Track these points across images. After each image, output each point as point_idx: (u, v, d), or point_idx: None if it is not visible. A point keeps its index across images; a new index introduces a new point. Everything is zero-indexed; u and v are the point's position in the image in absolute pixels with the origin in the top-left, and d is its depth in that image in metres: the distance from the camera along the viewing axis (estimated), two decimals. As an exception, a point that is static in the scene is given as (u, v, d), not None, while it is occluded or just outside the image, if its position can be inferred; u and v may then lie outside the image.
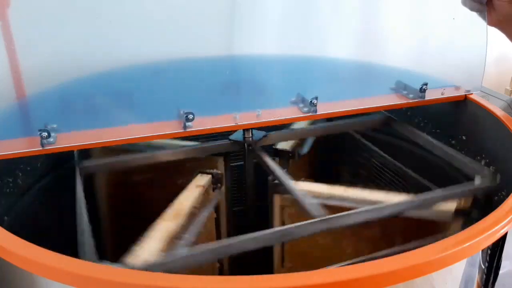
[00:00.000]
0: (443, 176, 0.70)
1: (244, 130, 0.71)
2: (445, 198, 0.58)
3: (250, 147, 0.72)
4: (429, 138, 0.71)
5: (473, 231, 0.42)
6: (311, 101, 0.64)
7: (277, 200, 0.66)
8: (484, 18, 0.66)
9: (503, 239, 0.49)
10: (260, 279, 0.36)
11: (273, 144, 0.78)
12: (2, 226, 0.43)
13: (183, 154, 0.70)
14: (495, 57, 1.85)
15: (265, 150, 0.71)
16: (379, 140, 0.85)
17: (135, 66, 0.65)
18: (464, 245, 0.40)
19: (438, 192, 0.59)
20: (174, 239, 0.53)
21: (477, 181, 0.60)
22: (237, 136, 0.73)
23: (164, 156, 0.69)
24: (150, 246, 0.49)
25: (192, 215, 0.60)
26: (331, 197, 0.61)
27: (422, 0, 0.73)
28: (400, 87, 0.72)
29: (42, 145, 0.55)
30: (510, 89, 1.85)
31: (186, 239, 0.54)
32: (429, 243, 0.40)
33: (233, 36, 0.68)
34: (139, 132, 0.58)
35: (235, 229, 0.79)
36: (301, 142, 0.84)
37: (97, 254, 0.46)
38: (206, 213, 0.65)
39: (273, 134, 0.75)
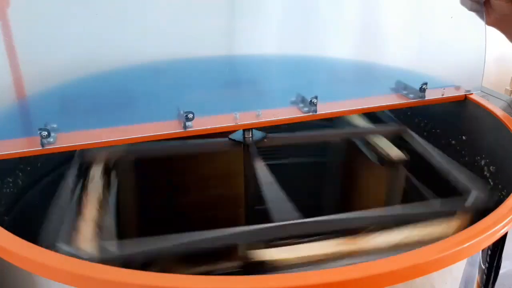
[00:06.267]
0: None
1: (244, 130, 0.72)
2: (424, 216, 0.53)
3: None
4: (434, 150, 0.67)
5: (473, 231, 0.42)
6: (311, 101, 0.64)
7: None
8: (482, 17, 0.66)
9: (503, 239, 0.49)
10: (259, 279, 0.36)
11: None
12: (2, 226, 0.43)
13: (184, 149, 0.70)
14: (495, 57, 1.85)
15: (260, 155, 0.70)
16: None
17: (135, 66, 0.66)
18: (464, 245, 0.40)
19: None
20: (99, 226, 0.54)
21: (471, 198, 0.54)
22: (237, 136, 0.73)
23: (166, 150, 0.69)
24: (85, 235, 0.51)
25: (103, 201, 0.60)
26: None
27: (421, 0, 0.73)
28: (400, 87, 0.72)
29: (42, 145, 0.55)
30: (510, 89, 1.85)
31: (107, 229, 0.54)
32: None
33: (233, 36, 0.68)
34: (139, 132, 0.58)
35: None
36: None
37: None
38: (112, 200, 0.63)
39: (272, 135, 0.74)
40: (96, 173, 0.62)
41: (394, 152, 0.71)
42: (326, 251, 0.48)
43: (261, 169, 0.63)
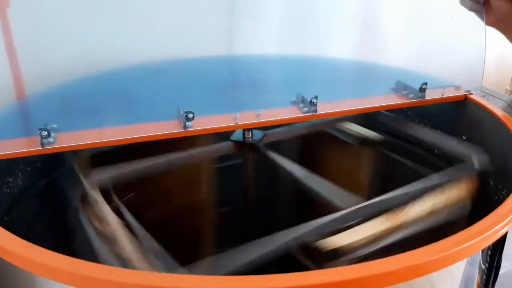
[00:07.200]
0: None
1: (244, 130, 0.72)
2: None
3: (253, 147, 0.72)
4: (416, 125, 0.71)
5: (473, 231, 0.42)
6: (311, 101, 0.64)
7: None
8: (482, 17, 0.66)
9: (503, 239, 0.49)
10: (259, 279, 0.36)
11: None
12: (2, 226, 0.43)
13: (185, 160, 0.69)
14: (495, 57, 1.85)
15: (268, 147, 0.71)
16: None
17: (135, 66, 0.66)
18: (464, 245, 0.40)
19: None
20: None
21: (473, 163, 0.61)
22: (237, 136, 0.73)
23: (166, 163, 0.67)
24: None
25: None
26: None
27: (421, 0, 0.73)
28: (400, 87, 0.72)
29: (42, 145, 0.55)
30: (510, 89, 1.85)
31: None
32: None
33: (233, 36, 0.68)
34: (139, 132, 0.58)
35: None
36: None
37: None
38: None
39: (271, 132, 0.75)
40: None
41: (371, 134, 0.74)
42: (378, 229, 0.52)
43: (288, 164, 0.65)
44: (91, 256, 0.46)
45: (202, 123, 0.60)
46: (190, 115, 0.59)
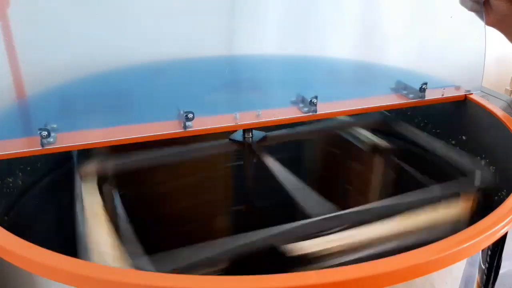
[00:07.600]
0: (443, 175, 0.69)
1: (244, 130, 0.72)
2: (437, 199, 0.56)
3: (251, 148, 0.72)
4: (428, 136, 0.71)
5: (473, 231, 0.42)
6: (311, 101, 0.64)
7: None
8: (482, 17, 0.66)
9: (503, 239, 0.49)
10: (259, 279, 0.36)
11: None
12: (2, 226, 0.43)
13: (183, 155, 0.70)
14: (495, 57, 1.85)
15: (266, 151, 0.71)
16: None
17: (135, 66, 0.66)
18: (464, 245, 0.40)
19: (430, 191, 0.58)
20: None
21: (477, 179, 0.59)
22: (237, 136, 0.73)
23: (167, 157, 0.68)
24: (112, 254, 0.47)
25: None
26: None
27: (422, 0, 0.73)
28: (400, 87, 0.72)
29: (42, 145, 0.55)
30: (510, 89, 1.85)
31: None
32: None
33: (233, 36, 0.68)
34: (139, 132, 0.58)
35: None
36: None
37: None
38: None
39: (272, 134, 0.74)
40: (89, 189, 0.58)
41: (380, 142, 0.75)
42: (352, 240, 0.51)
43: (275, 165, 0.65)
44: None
45: (202, 123, 0.60)
46: (190, 115, 0.59)
